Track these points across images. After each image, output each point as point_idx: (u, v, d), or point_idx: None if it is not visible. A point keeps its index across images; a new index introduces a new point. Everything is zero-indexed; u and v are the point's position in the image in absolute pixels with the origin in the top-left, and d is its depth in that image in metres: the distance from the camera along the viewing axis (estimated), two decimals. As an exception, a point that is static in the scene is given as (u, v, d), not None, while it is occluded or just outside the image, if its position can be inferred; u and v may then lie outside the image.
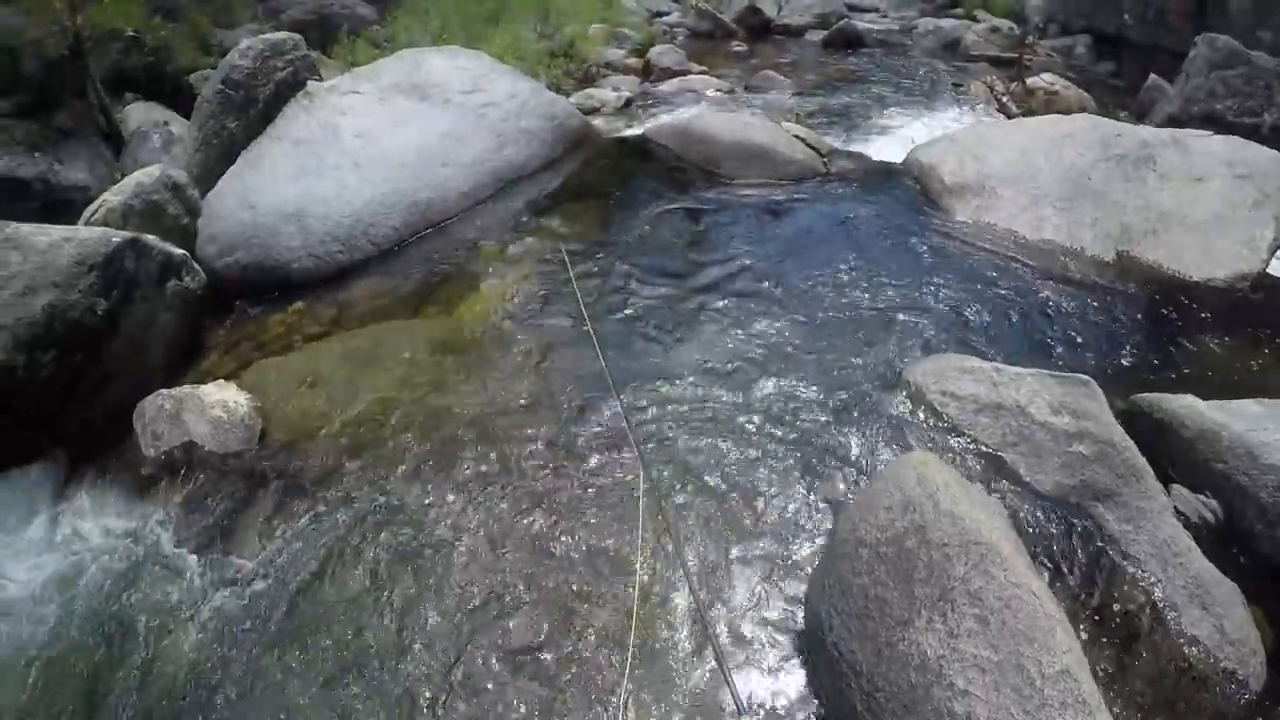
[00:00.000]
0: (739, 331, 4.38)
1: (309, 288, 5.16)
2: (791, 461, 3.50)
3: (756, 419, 3.74)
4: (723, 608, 2.92)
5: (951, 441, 3.45)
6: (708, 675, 2.70)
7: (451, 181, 6.07)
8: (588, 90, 10.23)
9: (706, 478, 3.45)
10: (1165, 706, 2.57)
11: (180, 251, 4.73)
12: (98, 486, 3.75)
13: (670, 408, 3.85)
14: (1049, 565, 2.93)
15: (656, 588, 3.00)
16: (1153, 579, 2.86)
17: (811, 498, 3.33)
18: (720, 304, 4.65)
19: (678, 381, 4.02)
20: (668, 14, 16.67)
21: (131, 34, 9.82)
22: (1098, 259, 5.06)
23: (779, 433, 3.66)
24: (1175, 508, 3.07)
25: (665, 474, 3.48)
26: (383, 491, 3.49)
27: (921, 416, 3.61)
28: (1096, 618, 2.79)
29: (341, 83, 6.84)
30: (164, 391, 4.02)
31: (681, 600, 2.93)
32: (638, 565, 3.01)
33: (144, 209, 5.01)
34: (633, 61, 12.14)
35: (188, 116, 7.47)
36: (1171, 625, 2.74)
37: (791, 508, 3.29)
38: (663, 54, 12.01)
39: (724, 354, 4.19)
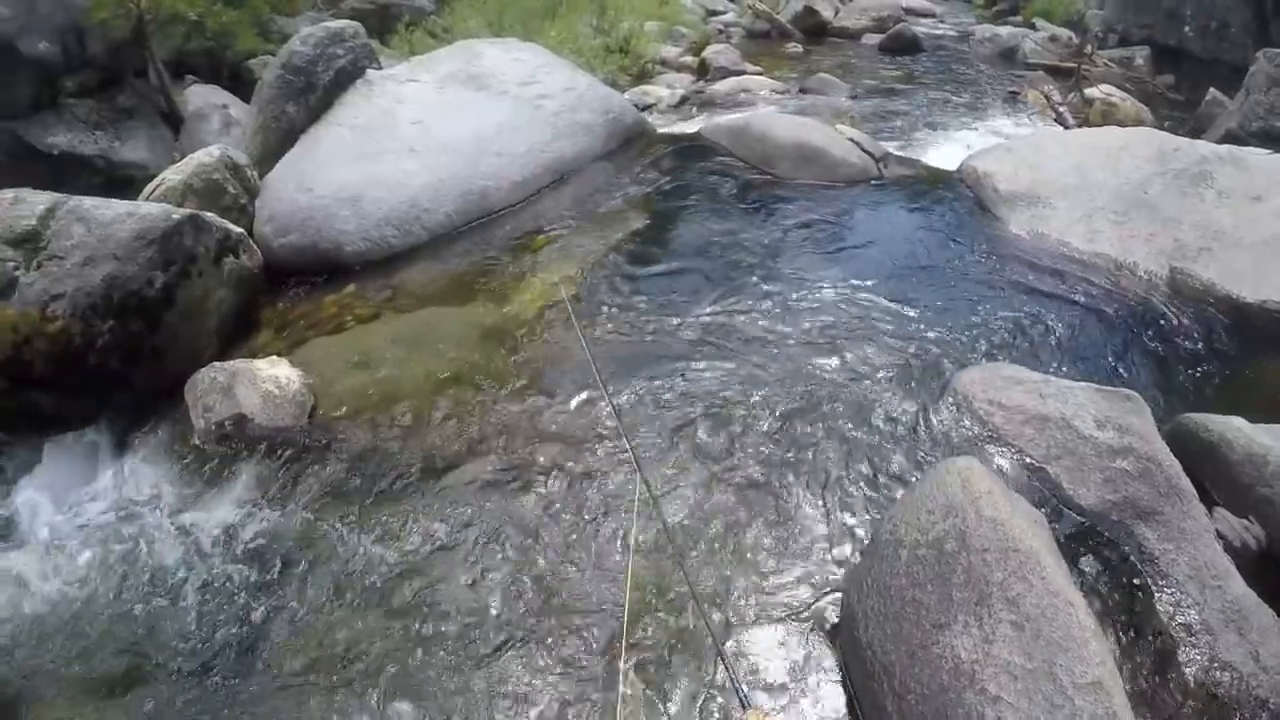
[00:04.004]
0: (786, 333, 4.38)
1: (362, 270, 5.25)
2: (833, 463, 3.51)
3: (799, 419, 3.75)
4: (753, 603, 2.95)
5: (996, 450, 3.44)
6: (714, 670, 2.72)
7: (505, 171, 6.12)
8: (643, 86, 10.32)
9: (743, 475, 3.47)
10: (1196, 729, 2.56)
11: (238, 230, 4.83)
12: (148, 455, 3.85)
13: (706, 405, 3.86)
14: (1087, 579, 2.91)
15: (655, 587, 3.00)
16: (1190, 600, 2.82)
17: (851, 499, 3.34)
18: (767, 305, 4.65)
19: (717, 380, 4.04)
20: (724, 13, 16.69)
21: (194, 18, 10.02)
22: (1151, 274, 4.98)
23: (821, 434, 3.66)
24: (1217, 530, 3.02)
25: (668, 471, 3.52)
26: (428, 471, 3.56)
27: (967, 424, 3.60)
28: (1130, 634, 2.77)
29: (400, 71, 6.94)
30: (217, 365, 4.11)
31: (684, 594, 2.93)
32: (628, 564, 2.94)
33: (203, 188, 5.13)
34: (688, 60, 12.20)
35: (246, 101, 7.62)
36: (1206, 648, 2.70)
37: (831, 508, 3.30)
38: (719, 53, 12.05)
39: (769, 355, 4.20)
